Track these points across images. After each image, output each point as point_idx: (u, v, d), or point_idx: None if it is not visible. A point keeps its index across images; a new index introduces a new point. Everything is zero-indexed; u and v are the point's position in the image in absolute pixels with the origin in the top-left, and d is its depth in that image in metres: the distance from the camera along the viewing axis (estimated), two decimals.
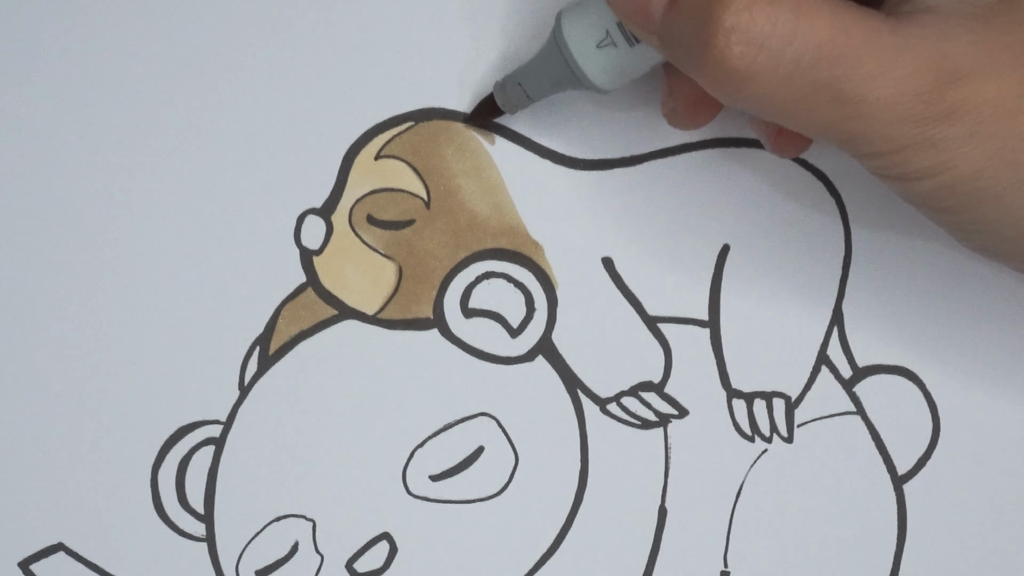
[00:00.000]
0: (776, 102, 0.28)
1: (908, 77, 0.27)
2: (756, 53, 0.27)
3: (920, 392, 0.38)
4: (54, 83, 0.38)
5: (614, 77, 0.33)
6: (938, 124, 0.28)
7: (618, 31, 0.32)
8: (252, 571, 0.37)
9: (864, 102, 0.28)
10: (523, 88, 0.35)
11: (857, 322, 0.38)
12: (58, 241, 0.37)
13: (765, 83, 0.28)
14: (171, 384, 0.37)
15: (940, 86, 0.27)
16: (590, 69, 0.33)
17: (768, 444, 0.38)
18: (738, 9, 0.27)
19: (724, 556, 0.38)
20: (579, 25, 0.33)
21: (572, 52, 0.33)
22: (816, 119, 0.28)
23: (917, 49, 0.28)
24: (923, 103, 0.27)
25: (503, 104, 0.36)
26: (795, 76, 0.28)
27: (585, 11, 0.33)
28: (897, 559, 0.38)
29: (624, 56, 0.32)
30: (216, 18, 0.38)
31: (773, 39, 0.27)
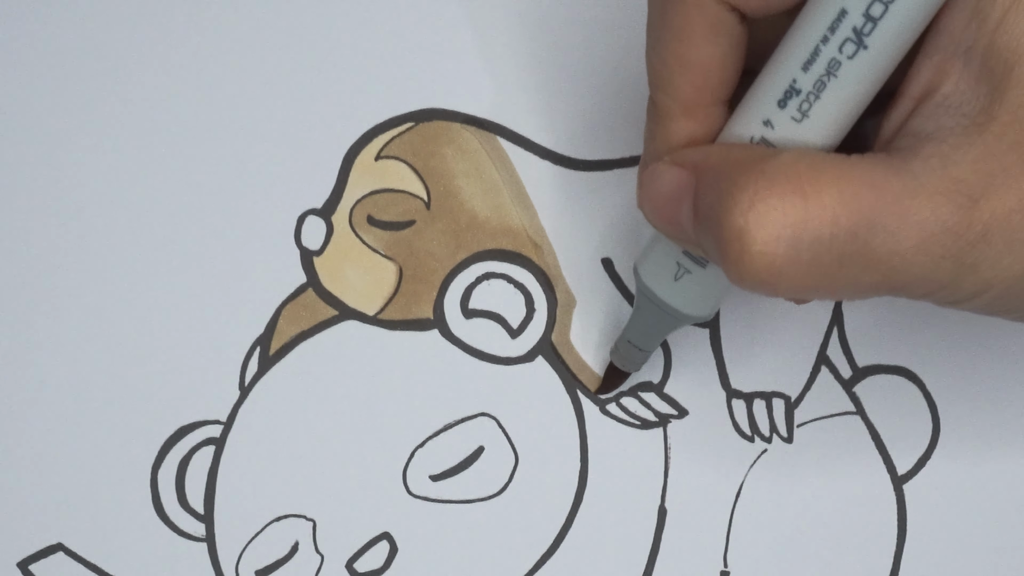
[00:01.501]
0: (811, 286, 0.27)
1: (929, 218, 0.26)
2: (775, 247, 0.26)
3: (920, 392, 0.38)
4: (54, 83, 0.38)
5: (705, 302, 0.33)
6: (973, 250, 0.27)
7: (686, 258, 0.32)
8: (252, 571, 0.37)
9: (895, 256, 0.26)
10: (636, 346, 0.35)
11: (857, 322, 0.38)
12: (58, 241, 0.37)
13: (794, 274, 0.27)
14: (171, 384, 0.37)
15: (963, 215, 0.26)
16: (680, 304, 0.33)
17: (768, 444, 0.38)
18: (743, 209, 0.26)
19: (724, 556, 0.37)
20: (652, 267, 0.33)
21: (657, 295, 0.33)
22: (856, 287, 0.27)
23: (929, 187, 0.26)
24: (952, 237, 0.26)
25: (623, 366, 0.36)
26: (820, 257, 0.26)
27: (652, 251, 0.33)
28: (897, 559, 0.38)
29: (703, 279, 0.32)
30: (216, 18, 0.38)
31: (787, 228, 0.26)
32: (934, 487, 0.38)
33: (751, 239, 0.26)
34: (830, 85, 0.27)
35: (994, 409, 0.38)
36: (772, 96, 0.28)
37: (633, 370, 0.37)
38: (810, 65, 0.27)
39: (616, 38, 0.38)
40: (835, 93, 0.27)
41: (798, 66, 0.27)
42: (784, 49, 0.28)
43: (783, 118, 0.28)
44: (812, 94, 0.27)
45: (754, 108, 0.28)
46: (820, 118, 0.28)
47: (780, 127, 0.28)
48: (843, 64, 0.27)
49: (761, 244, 0.26)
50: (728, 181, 0.27)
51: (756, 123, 0.28)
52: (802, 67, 0.27)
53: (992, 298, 0.28)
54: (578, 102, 0.38)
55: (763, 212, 0.26)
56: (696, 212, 0.28)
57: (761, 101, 0.28)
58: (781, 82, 0.28)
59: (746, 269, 0.27)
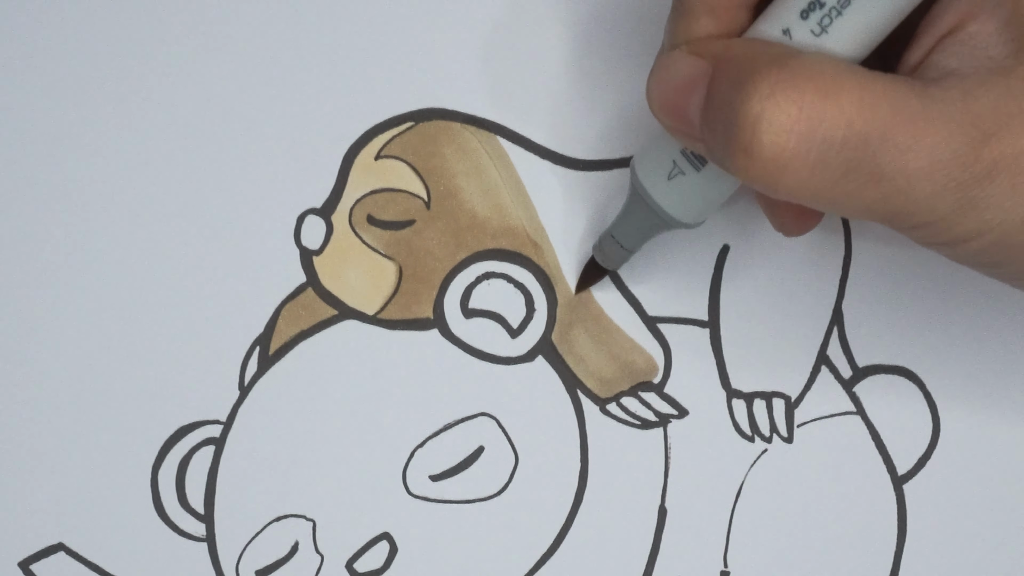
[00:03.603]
0: (813, 188, 0.27)
1: (941, 144, 0.27)
2: (786, 140, 0.26)
3: (920, 392, 0.38)
4: (54, 83, 0.38)
5: (693, 207, 0.33)
6: (978, 185, 0.27)
7: (683, 158, 0.32)
8: (252, 571, 0.37)
9: (901, 176, 0.27)
10: (618, 242, 0.35)
11: (857, 322, 0.38)
12: (58, 241, 0.37)
13: (798, 170, 0.27)
14: (171, 384, 0.37)
15: (974, 148, 0.27)
16: (667, 204, 0.33)
17: (768, 444, 0.38)
18: (762, 96, 0.26)
19: (724, 556, 0.38)
20: (648, 162, 0.33)
21: (647, 190, 0.33)
22: (856, 201, 0.27)
23: (946, 114, 0.27)
24: (960, 167, 0.27)
25: (603, 262, 0.36)
26: (828, 159, 0.27)
27: (651, 147, 0.33)
28: (897, 559, 0.38)
29: (696, 183, 0.32)
30: (216, 18, 0.38)
31: (801, 123, 0.26)
32: (934, 487, 0.38)
33: (765, 127, 0.26)
34: (854, 2, 0.27)
35: (994, 409, 0.38)
36: (795, 5, 0.28)
37: (612, 267, 0.36)
38: None
39: (617, 38, 0.38)
40: (857, 11, 0.27)
41: None
42: None
43: (803, 29, 0.28)
44: (835, 9, 0.28)
45: (776, 15, 0.29)
46: (839, 35, 0.28)
47: (798, 37, 0.28)
48: None
49: (773, 134, 0.26)
50: (749, 69, 0.27)
51: (775, 30, 0.29)
52: None
53: (987, 244, 0.28)
54: (578, 102, 0.38)
55: (781, 102, 0.26)
56: (709, 100, 0.28)
57: (783, 9, 0.28)
58: None
59: (754, 157, 0.27)
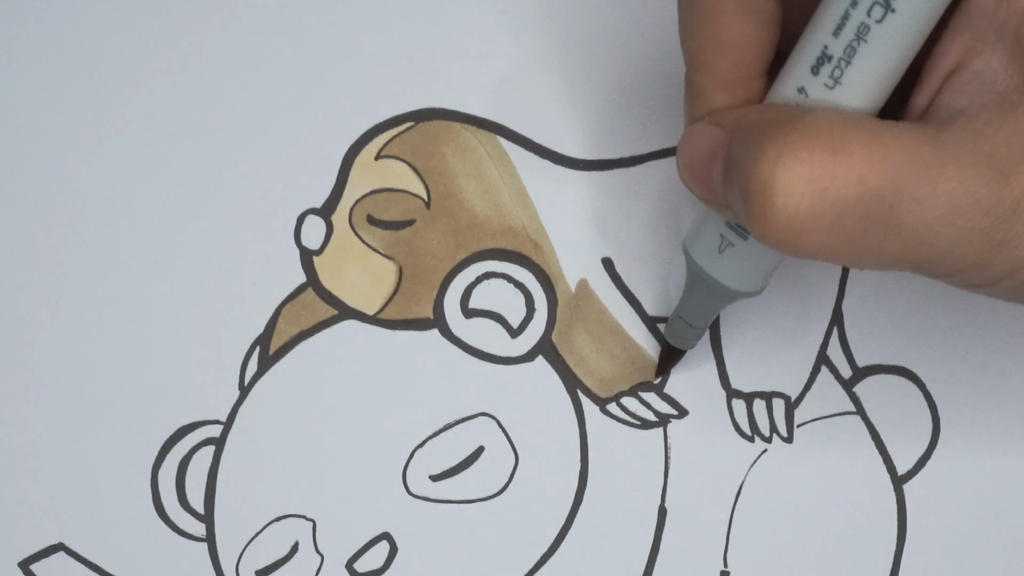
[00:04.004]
0: (833, 248, 0.27)
1: (958, 189, 0.26)
2: (799, 201, 0.26)
3: (920, 392, 0.38)
4: (54, 83, 0.38)
5: (750, 275, 0.33)
6: (1003, 225, 0.26)
7: (729, 230, 0.32)
8: (252, 571, 0.37)
9: (922, 226, 0.26)
10: (687, 323, 0.35)
11: (857, 322, 0.38)
12: (58, 241, 0.37)
13: (815, 232, 0.26)
14: (171, 384, 0.37)
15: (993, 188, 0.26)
16: (724, 277, 0.33)
17: (768, 444, 0.38)
18: (771, 160, 0.26)
19: (724, 556, 0.38)
20: (698, 242, 0.33)
21: (702, 268, 0.33)
22: (880, 256, 0.27)
23: (960, 158, 0.26)
24: (981, 211, 0.26)
25: (678, 344, 0.36)
26: (844, 216, 0.26)
27: (698, 225, 0.33)
28: (897, 559, 0.38)
29: (746, 251, 0.32)
30: (216, 18, 0.38)
31: (812, 183, 0.26)
32: (934, 487, 0.38)
33: (775, 191, 0.26)
34: (860, 50, 0.27)
35: (994, 409, 0.38)
36: (805, 63, 0.28)
37: (688, 347, 0.37)
38: (840, 30, 0.27)
39: (617, 38, 0.38)
40: (866, 59, 0.27)
41: (829, 32, 0.27)
42: (816, 17, 0.28)
43: (816, 85, 0.28)
44: (843, 60, 0.28)
45: (789, 75, 0.29)
46: (852, 85, 0.28)
47: (814, 94, 0.28)
48: (872, 28, 0.27)
49: (784, 197, 0.26)
50: (760, 134, 0.27)
51: (791, 91, 0.29)
52: (832, 33, 0.27)
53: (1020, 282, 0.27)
54: (578, 102, 0.38)
55: (790, 165, 0.26)
56: (726, 167, 0.28)
57: (795, 69, 0.29)
58: (813, 49, 0.28)
59: (768, 222, 0.26)
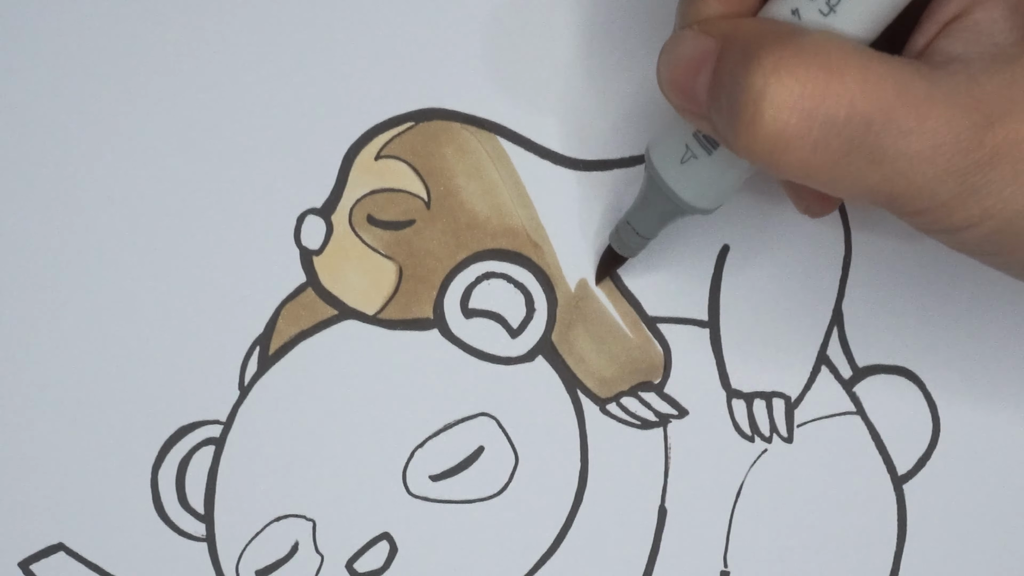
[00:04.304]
0: (814, 167, 0.27)
1: (943, 127, 0.26)
2: (788, 116, 0.26)
3: (920, 392, 0.38)
4: (54, 83, 0.38)
5: (707, 192, 0.33)
6: (979, 171, 0.27)
7: (695, 142, 0.32)
8: (252, 571, 0.37)
9: (902, 158, 0.26)
10: (635, 229, 0.35)
11: (857, 322, 0.38)
12: (58, 241, 0.37)
13: (800, 148, 0.27)
14: (171, 384, 0.37)
15: (976, 132, 0.26)
16: (681, 188, 0.33)
17: (768, 444, 0.38)
18: (766, 72, 0.26)
19: (724, 556, 0.38)
20: (661, 147, 0.33)
21: (661, 175, 0.33)
22: (857, 182, 0.27)
23: (949, 98, 0.27)
24: (961, 152, 0.27)
25: (621, 249, 0.36)
26: (830, 137, 0.26)
27: (664, 132, 0.33)
28: (897, 559, 0.38)
29: (709, 166, 0.32)
30: (216, 18, 0.38)
31: (804, 100, 0.26)
32: (934, 487, 0.38)
33: (767, 103, 0.26)
34: None
35: (994, 409, 0.38)
36: None
37: (630, 255, 0.36)
38: None
39: (617, 38, 0.38)
40: None
41: None
42: None
43: (811, 9, 0.28)
44: None
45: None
46: (847, 15, 0.28)
47: (808, 17, 0.28)
48: None
49: (775, 109, 0.26)
50: (755, 46, 0.27)
51: (785, 11, 0.29)
52: None
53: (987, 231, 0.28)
54: (578, 102, 0.38)
55: (784, 78, 0.26)
56: (715, 77, 0.28)
57: None
58: None
59: (756, 133, 0.27)
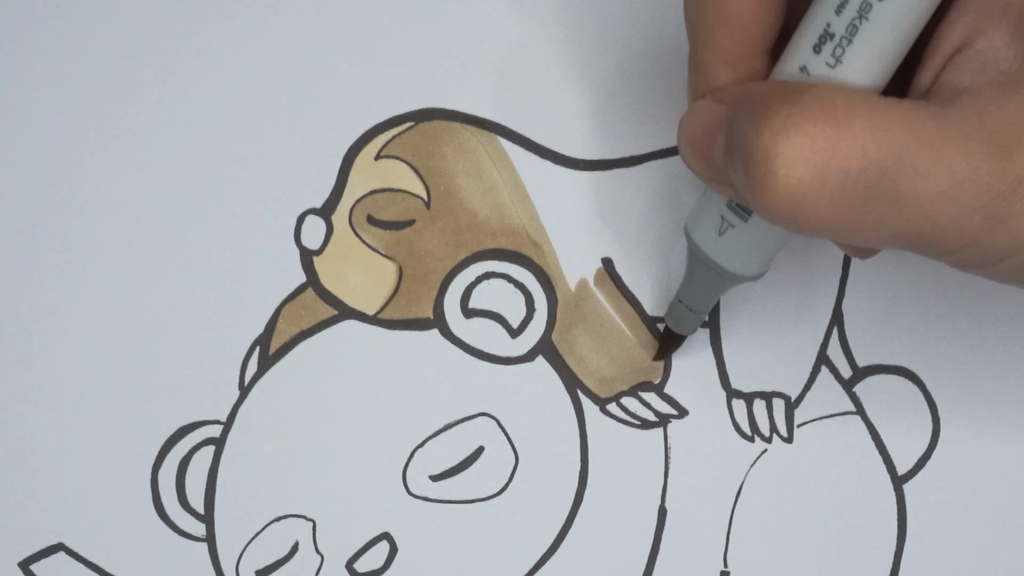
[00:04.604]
0: (834, 221, 0.27)
1: (961, 164, 0.26)
2: (801, 173, 0.26)
3: (920, 392, 0.38)
4: (54, 83, 0.38)
5: (750, 258, 0.32)
6: (1004, 202, 0.26)
7: (729, 211, 0.32)
8: (252, 571, 0.37)
9: (922, 200, 0.26)
10: (687, 307, 0.35)
11: (857, 322, 0.38)
12: (58, 241, 0.37)
13: (817, 204, 0.26)
14: (171, 384, 0.37)
15: (995, 164, 0.26)
16: (724, 260, 0.32)
17: (768, 444, 0.38)
18: (774, 131, 0.26)
19: (724, 556, 0.38)
20: (699, 223, 0.33)
21: (702, 250, 0.33)
22: (881, 231, 0.27)
23: (963, 134, 0.26)
24: (983, 186, 0.26)
25: (678, 328, 0.36)
26: (846, 189, 0.26)
27: (699, 207, 0.33)
28: (897, 559, 0.38)
29: (747, 233, 0.32)
30: (216, 18, 0.38)
31: (815, 155, 0.26)
32: (934, 487, 0.38)
33: (777, 162, 0.26)
34: (862, 28, 0.27)
35: (994, 409, 0.38)
36: (808, 41, 0.28)
37: (688, 332, 0.36)
38: (842, 8, 0.27)
39: (617, 38, 0.38)
40: (868, 37, 0.27)
41: (831, 9, 0.28)
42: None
43: (818, 63, 0.28)
44: (845, 38, 0.28)
45: (792, 54, 0.29)
46: (854, 63, 0.28)
47: (816, 72, 0.28)
48: (874, 6, 0.27)
49: (787, 168, 0.26)
50: (763, 106, 0.27)
51: (793, 69, 0.29)
52: (835, 11, 0.28)
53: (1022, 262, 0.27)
54: (578, 102, 0.38)
55: (792, 136, 0.26)
56: (728, 140, 0.28)
57: (798, 47, 0.29)
58: (816, 27, 0.28)
59: (770, 194, 0.26)
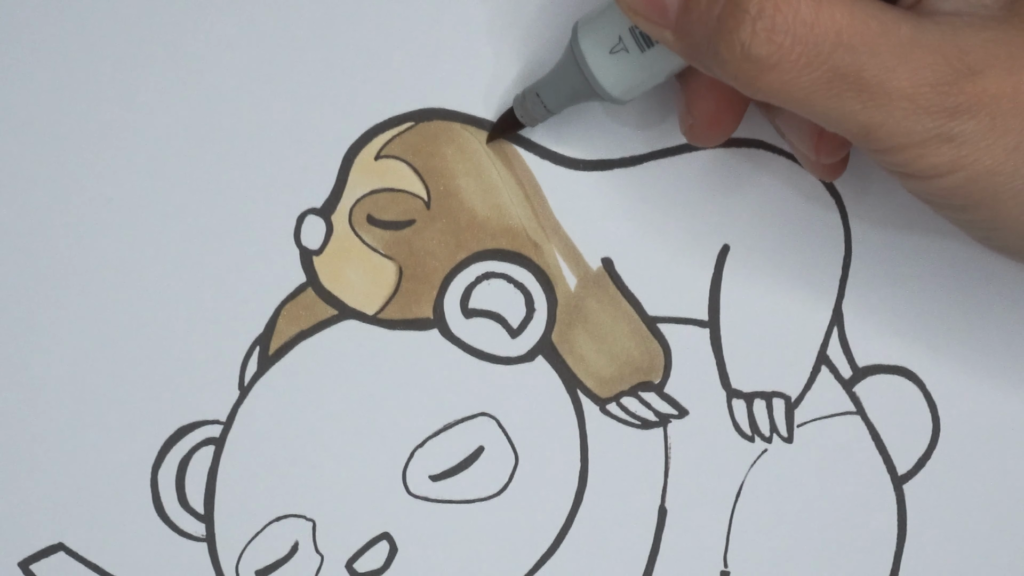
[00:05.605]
0: (797, 90, 0.28)
1: (925, 68, 0.27)
2: (780, 39, 0.27)
3: (920, 392, 0.38)
4: (54, 83, 0.38)
5: (627, 85, 0.33)
6: (956, 117, 0.28)
7: (630, 36, 0.32)
8: (252, 571, 0.37)
9: (883, 91, 0.28)
10: (542, 100, 0.35)
11: (857, 322, 0.38)
12: (58, 241, 0.37)
13: (787, 70, 0.28)
14: (171, 384, 0.37)
15: (957, 79, 0.27)
16: (603, 77, 0.33)
17: (768, 444, 0.38)
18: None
19: (724, 556, 0.38)
20: (593, 32, 0.33)
21: (586, 59, 0.33)
22: (836, 108, 0.28)
23: (934, 43, 0.28)
24: (940, 95, 0.27)
25: (523, 117, 0.36)
26: (816, 62, 0.28)
27: (599, 18, 0.33)
28: (897, 559, 0.38)
29: (637, 63, 0.32)
30: (216, 18, 0.38)
31: (796, 25, 0.27)
32: (934, 487, 0.38)
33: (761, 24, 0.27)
34: None
35: (994, 409, 0.38)
36: None
37: (529, 124, 0.36)
38: None
39: None
40: None
41: None
42: None
43: None
44: None
45: None
46: None
47: None
48: None
49: (770, 31, 0.27)
50: None
51: None
52: None
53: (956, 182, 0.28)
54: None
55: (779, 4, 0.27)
56: None
57: None
58: None
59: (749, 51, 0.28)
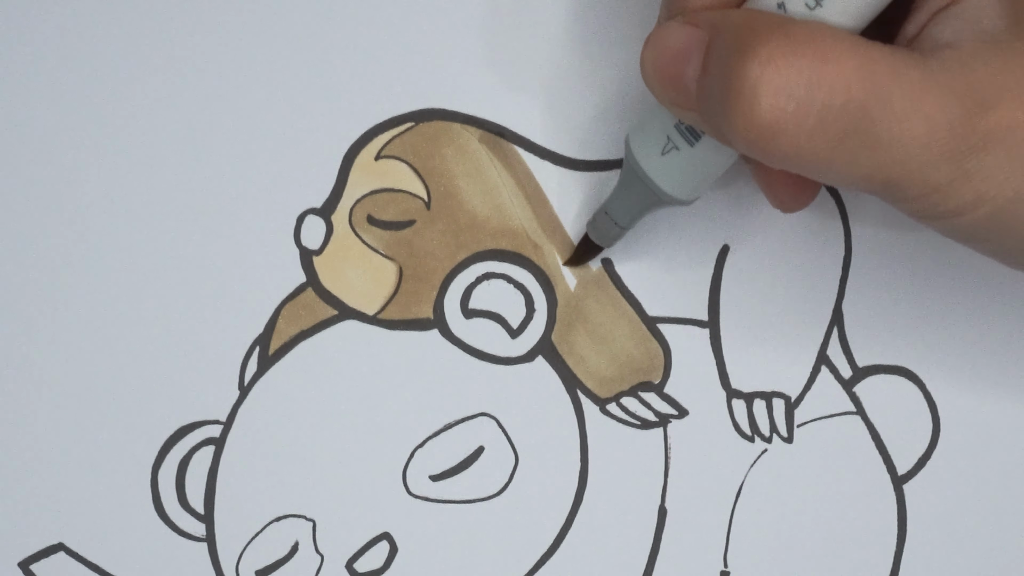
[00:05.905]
0: (810, 154, 0.27)
1: (938, 113, 0.27)
2: (785, 103, 0.26)
3: (920, 392, 0.38)
4: (54, 83, 0.38)
5: (687, 182, 0.33)
6: (972, 155, 0.27)
7: (677, 133, 0.32)
8: (252, 571, 0.37)
9: (898, 144, 0.27)
10: (612, 219, 0.35)
11: (857, 322, 0.38)
12: (58, 241, 0.37)
13: (796, 135, 0.27)
14: (171, 384, 0.37)
15: (970, 117, 0.27)
16: (661, 179, 0.33)
17: (768, 444, 0.38)
18: (762, 61, 0.26)
19: (724, 556, 0.38)
20: (642, 138, 0.33)
21: (641, 166, 0.33)
22: (852, 169, 0.28)
23: (943, 83, 0.27)
24: (955, 137, 0.27)
25: (597, 239, 0.36)
26: (826, 124, 0.27)
27: (645, 122, 0.33)
28: (897, 559, 0.38)
29: (690, 157, 0.32)
30: (216, 18, 0.38)
31: (800, 88, 0.26)
32: (934, 487, 0.38)
33: (763, 90, 0.27)
34: None
35: (994, 409, 0.38)
36: None
37: (606, 245, 0.36)
38: None
39: (617, 38, 0.38)
40: None
41: None
42: None
43: (797, 3, 0.28)
44: None
45: None
46: (834, 7, 0.28)
47: (793, 9, 0.28)
48: None
49: (772, 97, 0.27)
50: (748, 36, 0.27)
51: (771, 4, 0.29)
52: None
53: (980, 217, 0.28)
54: (578, 102, 0.38)
55: (781, 67, 0.26)
56: (706, 67, 0.28)
57: None
58: None
59: (752, 121, 0.27)
